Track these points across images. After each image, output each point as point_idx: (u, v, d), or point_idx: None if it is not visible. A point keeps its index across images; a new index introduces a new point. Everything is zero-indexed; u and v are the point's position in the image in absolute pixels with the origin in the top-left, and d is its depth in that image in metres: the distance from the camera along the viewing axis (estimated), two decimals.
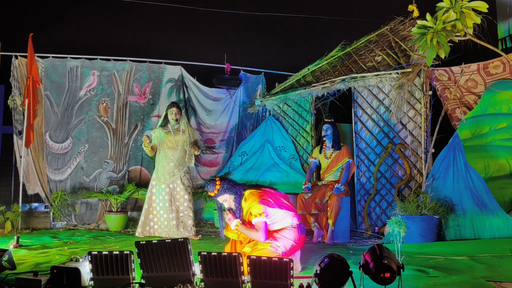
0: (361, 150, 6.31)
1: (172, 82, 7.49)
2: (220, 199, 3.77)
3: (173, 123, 5.72)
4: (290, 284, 2.85)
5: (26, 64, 6.60)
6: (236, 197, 3.73)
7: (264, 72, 8.01)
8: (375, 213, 6.15)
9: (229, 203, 3.76)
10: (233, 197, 3.73)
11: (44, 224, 6.35)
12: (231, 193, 3.74)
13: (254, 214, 3.60)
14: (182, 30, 8.51)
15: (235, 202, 3.73)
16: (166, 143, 5.65)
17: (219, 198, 3.76)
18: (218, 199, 3.79)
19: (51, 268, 3.22)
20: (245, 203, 3.73)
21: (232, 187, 3.75)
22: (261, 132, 7.19)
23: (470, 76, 6.01)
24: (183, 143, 5.67)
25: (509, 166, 5.52)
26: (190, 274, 3.11)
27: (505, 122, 5.63)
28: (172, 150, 5.63)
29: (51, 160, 6.80)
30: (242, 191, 3.76)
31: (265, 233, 3.57)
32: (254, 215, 3.60)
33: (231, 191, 3.74)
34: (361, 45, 6.63)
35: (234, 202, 3.73)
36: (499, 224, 4.72)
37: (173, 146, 5.64)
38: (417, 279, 3.42)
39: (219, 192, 3.72)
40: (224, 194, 3.73)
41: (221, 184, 3.73)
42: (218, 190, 3.72)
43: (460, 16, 3.56)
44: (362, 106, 6.33)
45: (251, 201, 3.66)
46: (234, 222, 3.64)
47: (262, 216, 3.57)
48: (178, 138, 5.66)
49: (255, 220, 3.58)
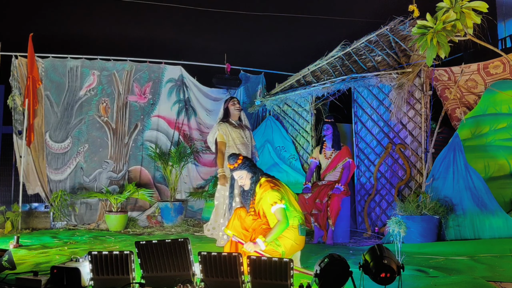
0: (361, 150, 6.31)
1: (172, 82, 7.50)
2: (237, 174, 3.81)
3: (237, 115, 5.10)
4: (290, 284, 2.85)
5: (26, 64, 6.61)
6: (253, 177, 3.79)
7: (264, 72, 8.02)
8: (375, 213, 6.14)
9: (244, 181, 3.80)
10: (251, 176, 3.80)
11: (44, 224, 6.36)
12: (250, 171, 3.80)
13: (270, 203, 3.61)
14: (182, 30, 8.51)
15: (251, 181, 3.78)
16: (236, 139, 4.97)
17: (236, 172, 3.81)
18: (235, 174, 3.83)
19: (51, 268, 3.22)
20: (259, 189, 3.75)
21: (252, 166, 3.84)
22: (261, 132, 7.20)
23: (470, 76, 6.01)
24: (251, 137, 5.18)
25: (509, 166, 5.52)
26: (190, 274, 3.11)
27: (505, 122, 5.62)
28: (243, 146, 5.00)
29: (51, 160, 6.80)
30: (259, 175, 3.82)
31: (286, 219, 3.57)
32: (270, 204, 3.60)
33: (250, 170, 3.80)
34: (361, 45, 6.63)
35: (250, 181, 3.78)
36: (499, 224, 4.71)
37: (244, 141, 5.02)
38: (417, 279, 3.42)
39: (239, 166, 3.78)
40: (243, 170, 3.79)
41: (243, 160, 3.81)
42: (239, 164, 3.77)
43: (460, 16, 3.56)
44: (362, 106, 6.33)
45: (265, 189, 3.68)
46: (261, 244, 3.48)
47: (280, 203, 3.59)
48: (247, 133, 5.12)
49: (275, 208, 3.59)
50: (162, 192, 7.26)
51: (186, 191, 7.30)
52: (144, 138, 7.26)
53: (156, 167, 7.23)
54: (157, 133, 7.35)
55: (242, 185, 3.84)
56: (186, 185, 7.40)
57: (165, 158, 7.04)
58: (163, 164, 7.03)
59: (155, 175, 7.26)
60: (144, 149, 7.21)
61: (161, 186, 7.27)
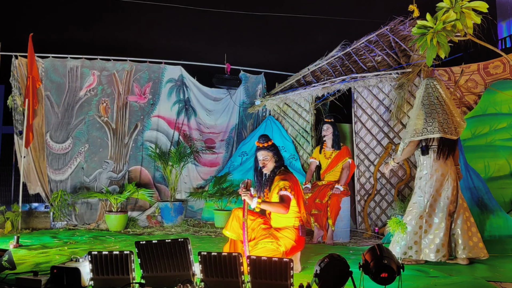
0: (361, 150, 6.30)
1: (172, 82, 7.50)
2: (263, 154, 3.83)
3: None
4: (290, 284, 2.85)
5: (26, 64, 6.61)
6: (278, 162, 3.83)
7: (264, 72, 8.02)
8: (375, 213, 6.14)
9: (268, 163, 3.81)
10: (275, 159, 3.83)
11: (44, 224, 6.36)
12: (275, 155, 3.84)
13: (280, 187, 3.64)
14: (182, 30, 8.52)
15: (275, 165, 3.81)
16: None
17: (263, 151, 3.83)
18: (260, 153, 3.84)
19: (51, 268, 3.22)
20: (276, 176, 3.80)
21: (278, 153, 3.87)
22: (261, 132, 7.18)
23: (470, 76, 6.01)
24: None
25: (509, 166, 5.52)
26: (190, 274, 3.11)
27: (505, 122, 5.63)
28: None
29: (52, 160, 6.80)
30: (282, 162, 3.86)
31: (288, 208, 3.59)
32: (279, 188, 3.64)
33: (276, 155, 3.84)
34: (361, 45, 6.63)
35: (274, 164, 3.82)
36: (499, 224, 4.71)
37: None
38: (417, 279, 3.42)
39: (268, 147, 3.82)
40: (270, 152, 3.82)
41: (273, 143, 3.87)
42: (269, 145, 3.82)
43: (460, 16, 3.56)
44: (362, 106, 6.33)
45: (281, 178, 3.73)
46: (254, 201, 3.57)
47: (290, 192, 3.62)
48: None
49: (282, 192, 3.62)
50: (162, 192, 7.26)
51: (186, 191, 7.30)
52: (144, 138, 7.26)
53: (156, 167, 7.23)
54: (157, 133, 7.35)
55: (263, 166, 3.85)
56: (186, 185, 7.40)
57: (165, 158, 7.05)
58: (163, 164, 7.03)
59: (155, 175, 7.26)
60: (144, 149, 7.21)
61: (161, 186, 7.27)
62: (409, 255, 3.98)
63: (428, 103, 4.12)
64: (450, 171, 4.06)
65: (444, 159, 4.06)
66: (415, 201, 4.11)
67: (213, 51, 8.11)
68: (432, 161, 4.07)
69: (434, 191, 4.03)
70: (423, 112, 4.09)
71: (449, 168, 4.06)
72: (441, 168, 4.04)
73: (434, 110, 4.07)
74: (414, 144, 4.14)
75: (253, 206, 3.59)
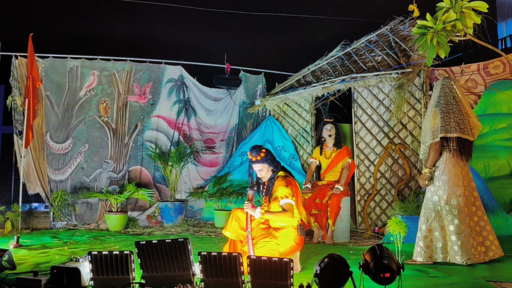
0: (361, 150, 6.30)
1: (172, 82, 7.50)
2: (257, 166, 3.83)
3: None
4: (290, 284, 2.85)
5: (26, 64, 6.61)
6: (274, 169, 3.83)
7: (264, 72, 8.02)
8: (375, 213, 6.14)
9: (264, 174, 3.83)
10: (271, 169, 3.83)
11: (44, 224, 6.35)
12: (271, 165, 3.83)
13: (281, 196, 3.66)
14: (182, 30, 8.51)
15: (272, 175, 3.82)
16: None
17: (257, 165, 3.83)
18: (255, 166, 3.84)
19: (51, 268, 3.22)
20: (276, 182, 3.81)
21: (273, 160, 3.85)
22: (261, 132, 7.19)
23: (470, 76, 6.01)
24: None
25: (509, 166, 5.52)
26: (190, 274, 3.11)
27: (505, 122, 5.63)
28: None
29: (52, 160, 6.80)
30: (279, 168, 3.86)
31: (293, 215, 3.64)
32: (280, 197, 3.66)
33: (272, 164, 3.83)
34: (361, 45, 6.63)
35: (271, 174, 3.82)
36: (499, 224, 4.71)
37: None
38: (417, 279, 3.42)
39: (262, 159, 3.80)
40: (265, 163, 3.81)
41: (266, 153, 3.83)
42: (262, 157, 3.80)
43: (460, 16, 3.56)
44: (362, 106, 6.33)
45: (279, 184, 3.74)
46: (257, 211, 3.61)
47: (291, 198, 3.65)
48: None
49: (285, 201, 3.64)
50: (162, 192, 7.26)
51: (186, 191, 7.30)
52: (144, 138, 7.26)
53: (156, 167, 7.23)
54: (157, 133, 7.35)
55: (261, 178, 3.88)
56: (186, 185, 7.40)
57: (165, 158, 7.04)
58: (163, 164, 7.03)
59: (155, 175, 7.26)
60: (144, 149, 7.21)
61: (161, 186, 7.27)
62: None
63: (444, 102, 4.06)
64: (465, 172, 4.04)
65: (461, 159, 4.03)
66: (430, 202, 4.08)
67: (213, 51, 8.11)
68: (447, 161, 4.02)
69: (449, 191, 3.98)
70: (439, 111, 4.04)
71: (463, 168, 4.03)
72: (454, 169, 4.00)
73: (450, 110, 4.02)
74: (437, 143, 4.05)
75: (257, 216, 3.62)
